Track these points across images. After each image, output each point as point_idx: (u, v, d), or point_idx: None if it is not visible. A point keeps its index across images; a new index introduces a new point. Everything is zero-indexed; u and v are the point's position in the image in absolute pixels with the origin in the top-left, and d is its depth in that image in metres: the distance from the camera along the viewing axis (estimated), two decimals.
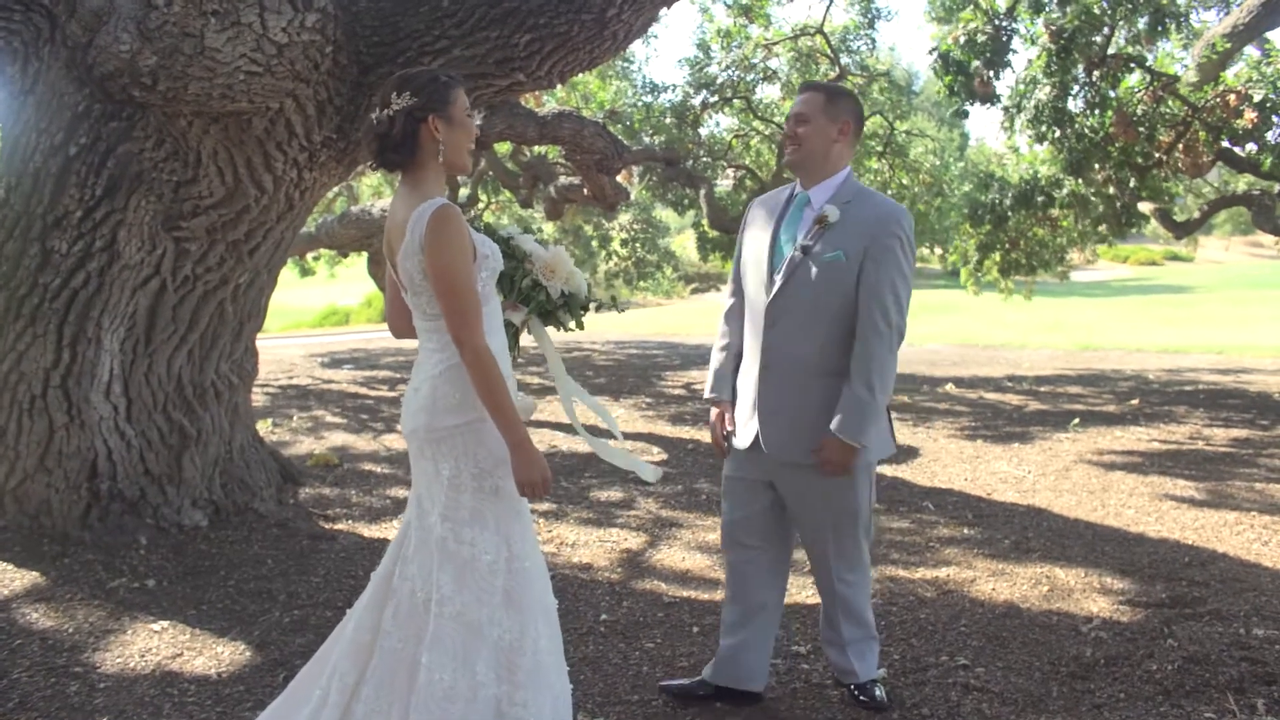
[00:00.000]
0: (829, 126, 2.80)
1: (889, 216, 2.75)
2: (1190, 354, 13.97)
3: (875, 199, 2.85)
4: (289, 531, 4.89)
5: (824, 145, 2.81)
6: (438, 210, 2.27)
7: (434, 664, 2.25)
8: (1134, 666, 3.15)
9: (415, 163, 2.37)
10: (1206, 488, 5.68)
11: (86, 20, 3.81)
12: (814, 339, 2.76)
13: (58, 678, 3.18)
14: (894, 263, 2.71)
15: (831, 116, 2.81)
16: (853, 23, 11.53)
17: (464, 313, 2.27)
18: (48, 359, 4.44)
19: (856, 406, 2.71)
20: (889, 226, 2.72)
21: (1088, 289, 39.29)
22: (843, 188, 2.81)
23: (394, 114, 2.32)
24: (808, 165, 2.84)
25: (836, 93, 2.93)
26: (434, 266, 2.27)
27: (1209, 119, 7.66)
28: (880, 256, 2.70)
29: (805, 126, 2.81)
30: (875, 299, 2.70)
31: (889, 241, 2.71)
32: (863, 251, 2.71)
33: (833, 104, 2.83)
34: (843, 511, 2.86)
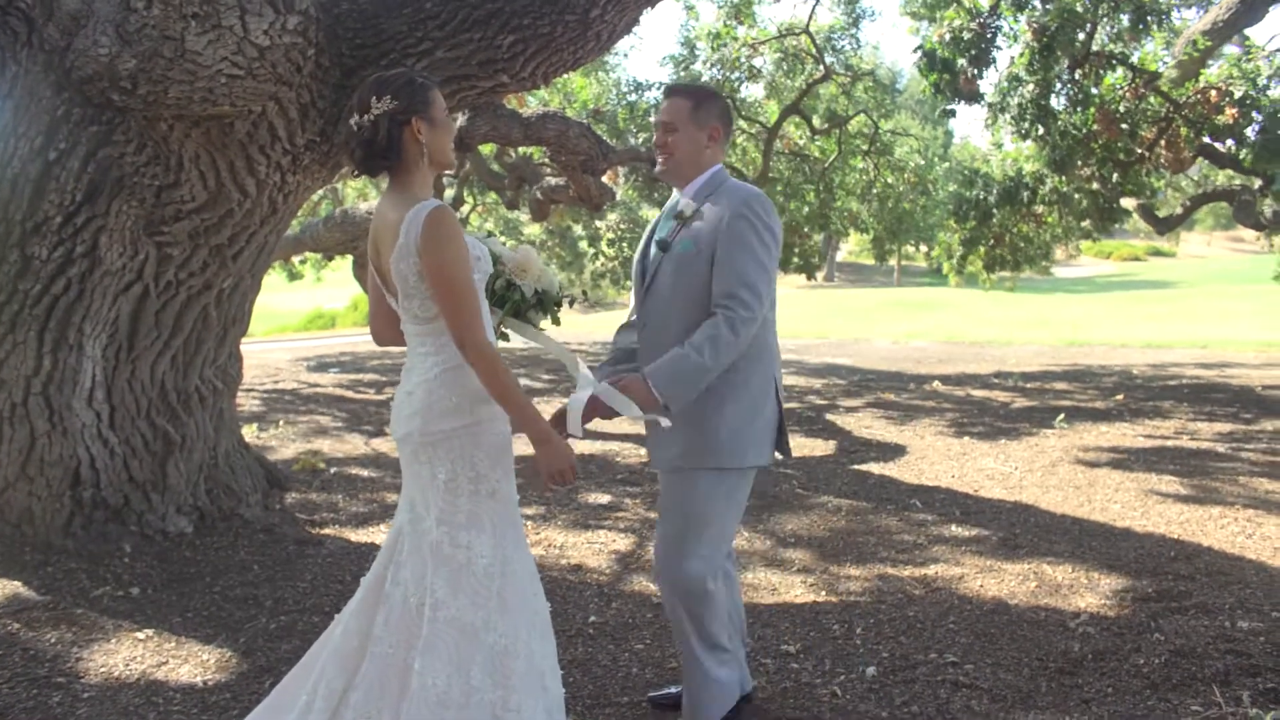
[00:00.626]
0: (697, 133, 2.71)
1: (739, 200, 2.63)
2: (1174, 349, 14.07)
3: (735, 190, 2.70)
4: (275, 537, 4.86)
5: (693, 152, 2.72)
6: (433, 211, 2.26)
7: (427, 669, 2.24)
8: (1121, 661, 3.16)
9: (401, 166, 2.36)
10: (1191, 482, 5.72)
11: (64, 23, 3.77)
12: (675, 335, 2.62)
13: (40, 689, 3.14)
14: (742, 244, 2.58)
15: (699, 123, 2.72)
16: (837, 22, 11.56)
17: (465, 311, 2.26)
18: (28, 366, 4.39)
19: (676, 360, 2.54)
20: (738, 209, 2.60)
21: (1072, 285, 39.57)
22: (707, 184, 2.72)
23: (376, 119, 2.30)
24: (679, 173, 2.75)
25: (703, 97, 2.79)
26: (432, 267, 2.25)
27: (1190, 115, 7.71)
28: (729, 239, 2.59)
29: (673, 135, 2.72)
30: (721, 280, 2.58)
31: (737, 224, 2.59)
32: (713, 238, 2.61)
33: (700, 109, 2.73)
34: (676, 516, 2.68)
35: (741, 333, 2.55)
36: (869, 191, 12.54)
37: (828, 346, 16.09)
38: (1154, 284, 38.41)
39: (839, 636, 3.50)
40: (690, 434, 2.63)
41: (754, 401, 2.66)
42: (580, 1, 4.08)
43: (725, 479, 2.66)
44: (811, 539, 4.78)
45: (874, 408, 9.18)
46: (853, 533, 4.88)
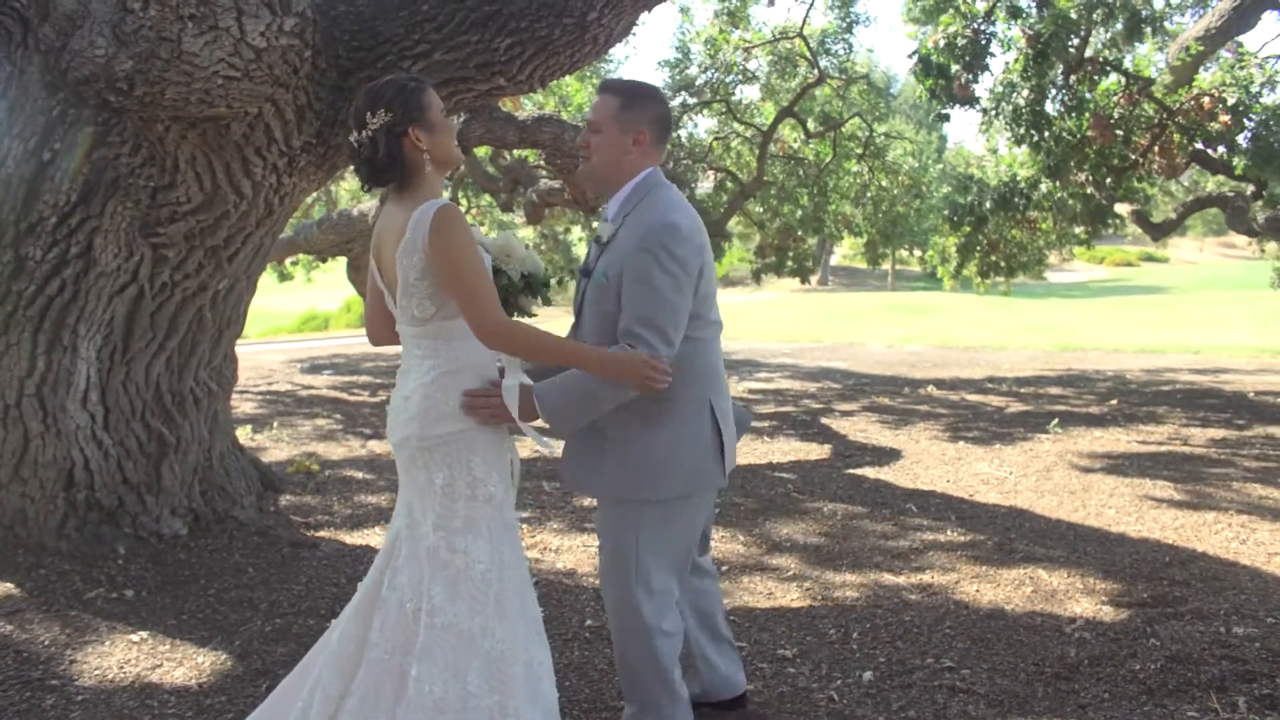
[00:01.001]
0: (621, 137, 2.48)
1: (648, 231, 2.38)
2: (1168, 354, 14.13)
3: (649, 211, 2.44)
4: (270, 539, 4.84)
5: (615, 156, 2.50)
6: (442, 208, 2.27)
7: (424, 675, 2.23)
8: (1117, 666, 3.17)
9: (407, 175, 2.36)
10: (1186, 488, 5.74)
11: (60, 24, 3.76)
12: None
13: (33, 691, 3.13)
14: (644, 280, 2.36)
15: (625, 125, 2.48)
16: (831, 26, 11.58)
17: (479, 297, 2.27)
18: (22, 367, 4.37)
19: (567, 381, 2.38)
20: (644, 242, 2.37)
21: (1066, 290, 39.71)
22: (630, 197, 2.49)
23: (373, 135, 2.30)
24: (599, 178, 2.56)
25: (634, 96, 2.53)
26: (443, 261, 2.26)
27: (1184, 121, 7.74)
28: (631, 275, 2.37)
29: (596, 136, 2.51)
30: (623, 318, 2.39)
31: (640, 258, 2.36)
32: (620, 271, 2.40)
33: (628, 109, 2.49)
34: (611, 548, 2.55)
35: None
36: (863, 195, 12.58)
37: (822, 350, 16.11)
38: (1147, 289, 38.56)
39: (835, 641, 3.50)
40: (612, 462, 2.49)
41: (683, 428, 2.49)
42: (578, 5, 4.08)
43: (652, 510, 2.50)
44: (807, 543, 4.79)
45: (869, 412, 9.20)
46: (848, 537, 4.88)
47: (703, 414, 2.51)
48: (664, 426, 2.47)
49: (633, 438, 2.47)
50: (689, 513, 2.57)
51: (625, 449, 2.48)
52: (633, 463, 2.47)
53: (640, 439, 2.47)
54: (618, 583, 2.54)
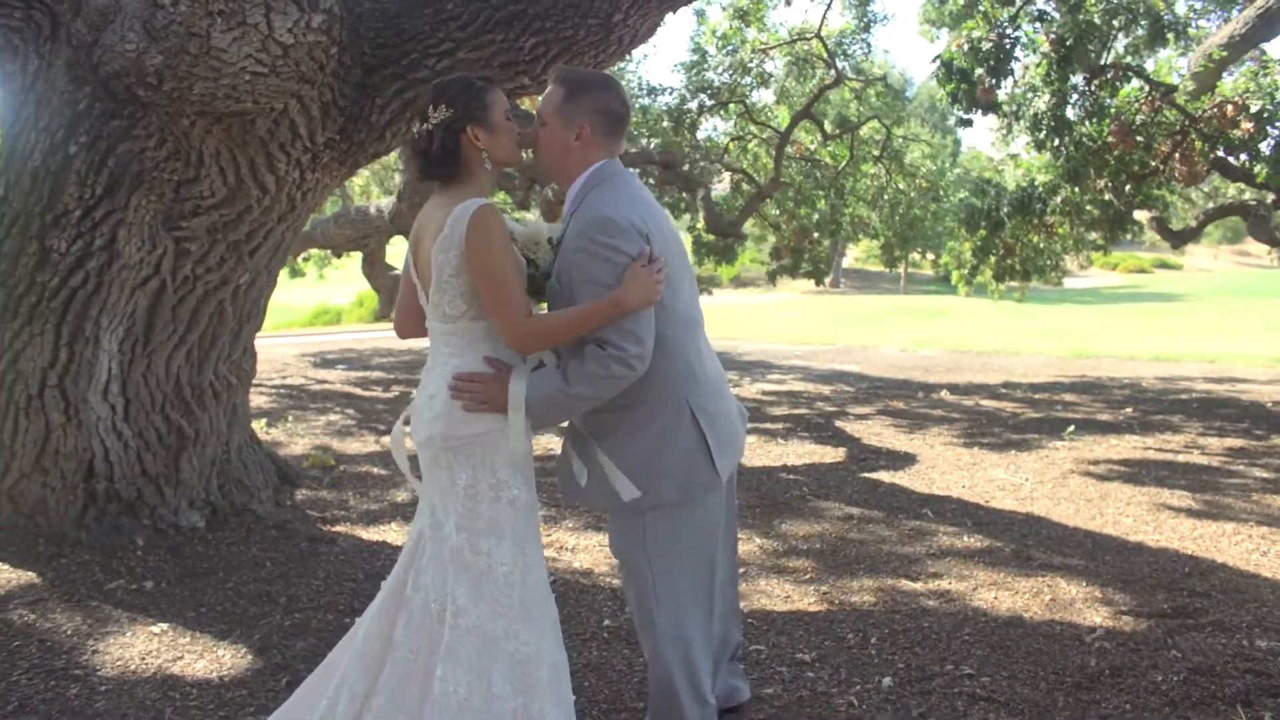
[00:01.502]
0: (563, 132, 2.41)
1: (582, 228, 2.31)
2: (1183, 362, 14.05)
3: (587, 207, 2.36)
4: (287, 534, 4.86)
5: (558, 152, 2.43)
6: (481, 208, 2.28)
7: (448, 676, 2.23)
8: (1139, 677, 3.15)
9: (461, 172, 2.37)
10: (1204, 498, 5.70)
11: (92, 19, 3.78)
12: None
13: (57, 680, 3.15)
14: (592, 281, 2.29)
15: (566, 118, 2.40)
16: (848, 26, 11.55)
17: (508, 303, 2.28)
18: (45, 358, 4.40)
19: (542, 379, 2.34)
20: (579, 240, 2.31)
21: (1079, 296, 39.53)
22: (579, 193, 2.41)
23: (432, 129, 2.31)
24: (549, 173, 2.51)
25: (578, 87, 2.44)
26: (477, 261, 2.27)
27: (1205, 129, 7.70)
28: (577, 275, 2.32)
29: (542, 130, 2.43)
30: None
31: (580, 257, 2.30)
32: (569, 273, 2.34)
33: (570, 102, 2.40)
34: (624, 563, 2.52)
35: (616, 370, 2.27)
36: (880, 197, 12.54)
37: (835, 353, 16.08)
38: (1161, 296, 38.35)
39: (854, 646, 3.50)
40: (595, 471, 2.45)
41: (662, 433, 2.40)
42: (603, 6, 4.08)
43: (654, 519, 2.44)
44: (824, 547, 4.78)
45: (883, 415, 9.17)
46: (864, 541, 4.87)
47: (681, 417, 2.42)
48: (644, 432, 2.40)
49: (616, 446, 2.42)
50: (695, 520, 2.49)
51: (612, 459, 2.41)
52: (624, 472, 2.40)
53: (623, 447, 2.41)
54: (636, 595, 2.52)
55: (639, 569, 2.48)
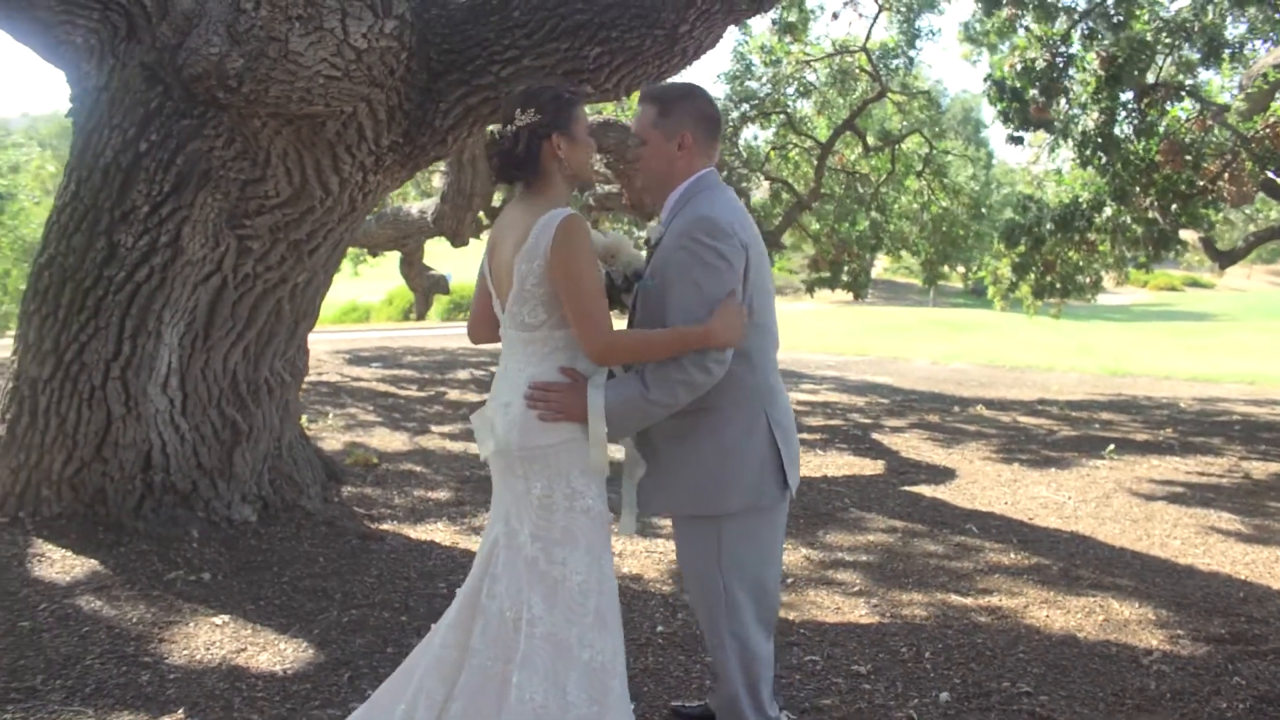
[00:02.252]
0: (665, 145, 2.46)
1: (685, 228, 2.37)
2: (1221, 383, 13.88)
3: (691, 209, 2.42)
4: (337, 530, 4.92)
5: (663, 165, 2.48)
6: (567, 218, 2.30)
7: (524, 683, 2.26)
8: (1202, 703, 3.13)
9: (538, 178, 2.40)
10: (1253, 522, 5.65)
11: (177, 22, 3.87)
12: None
13: (128, 666, 3.21)
14: (686, 278, 2.35)
15: (667, 132, 2.46)
16: (892, 40, 11.53)
17: (593, 315, 2.31)
18: (109, 350, 4.49)
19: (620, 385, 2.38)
20: (682, 240, 2.36)
21: (1110, 312, 39.14)
22: (680, 199, 2.47)
23: (517, 130, 2.35)
24: (653, 188, 2.54)
25: (671, 99, 2.50)
26: (562, 273, 2.29)
27: (1256, 149, 7.63)
28: (675, 274, 2.36)
29: (643, 148, 2.50)
30: (675, 309, 2.36)
31: (680, 256, 2.35)
32: (665, 273, 2.39)
33: (666, 116, 2.46)
34: (694, 576, 2.53)
35: (696, 376, 2.32)
36: (922, 213, 12.50)
37: (867, 364, 16.03)
38: (1192, 315, 37.91)
39: (908, 660, 3.50)
40: (678, 479, 2.48)
41: (739, 441, 2.44)
42: (670, 17, 4.12)
43: (726, 527, 2.46)
44: (870, 560, 4.78)
45: (919, 429, 9.14)
46: (911, 555, 4.87)
47: (758, 428, 2.46)
48: (722, 440, 2.44)
49: (691, 453, 2.45)
50: (764, 532, 2.52)
51: (686, 465, 2.46)
52: (697, 478, 2.45)
53: (700, 454, 2.45)
54: (707, 608, 2.53)
55: (711, 580, 2.49)
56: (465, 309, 33.95)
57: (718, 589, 2.49)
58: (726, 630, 2.50)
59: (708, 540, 2.49)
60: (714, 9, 4.08)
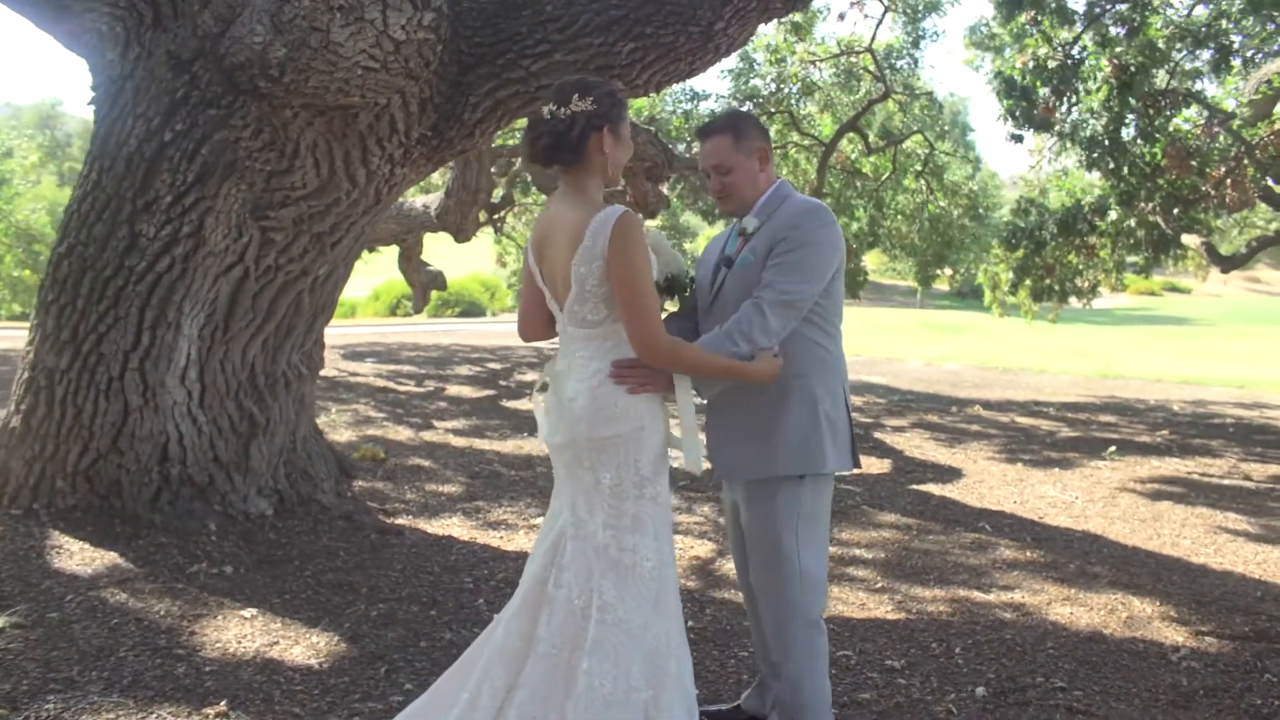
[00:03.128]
0: (747, 164, 2.71)
1: (795, 213, 2.64)
2: (1211, 386, 14.05)
3: (794, 203, 2.70)
4: (354, 524, 4.90)
5: (750, 182, 2.72)
6: (623, 217, 2.31)
7: (594, 670, 2.27)
8: (1236, 699, 3.17)
9: (580, 168, 2.41)
10: (1260, 522, 5.72)
11: (220, 11, 3.84)
12: None
13: (162, 659, 3.19)
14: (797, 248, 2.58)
15: (746, 153, 2.71)
16: (897, 41, 11.59)
17: (648, 317, 2.32)
18: (128, 341, 4.44)
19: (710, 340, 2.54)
20: (799, 221, 2.61)
21: (1092, 316, 39.46)
22: (770, 200, 2.72)
23: (574, 115, 2.35)
24: (743, 205, 2.75)
25: (739, 125, 2.76)
26: (619, 273, 2.30)
27: (1260, 156, 7.73)
28: (784, 246, 2.58)
29: (729, 176, 2.72)
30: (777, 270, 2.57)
31: (794, 234, 2.59)
32: (769, 247, 2.61)
33: (741, 140, 2.72)
34: (768, 545, 2.63)
35: (770, 315, 2.51)
36: (920, 212, 12.59)
37: (861, 364, 16.10)
38: (1172, 319, 38.33)
39: (939, 655, 3.53)
40: (759, 445, 2.63)
41: (824, 408, 2.63)
42: (705, 14, 4.12)
43: (804, 491, 2.63)
44: (889, 557, 4.81)
45: (920, 429, 9.20)
46: (928, 553, 4.90)
47: (839, 397, 2.69)
48: (814, 404, 2.63)
49: (786, 417, 2.61)
50: (828, 502, 2.71)
51: (781, 429, 2.61)
52: (792, 441, 2.60)
53: (793, 417, 2.61)
54: (780, 578, 2.62)
55: (786, 548, 2.60)
56: (453, 306, 33.85)
57: (792, 557, 2.60)
58: (792, 604, 2.60)
59: (789, 506, 2.61)
60: (750, 6, 4.09)
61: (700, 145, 2.81)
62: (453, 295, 31.77)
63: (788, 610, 2.62)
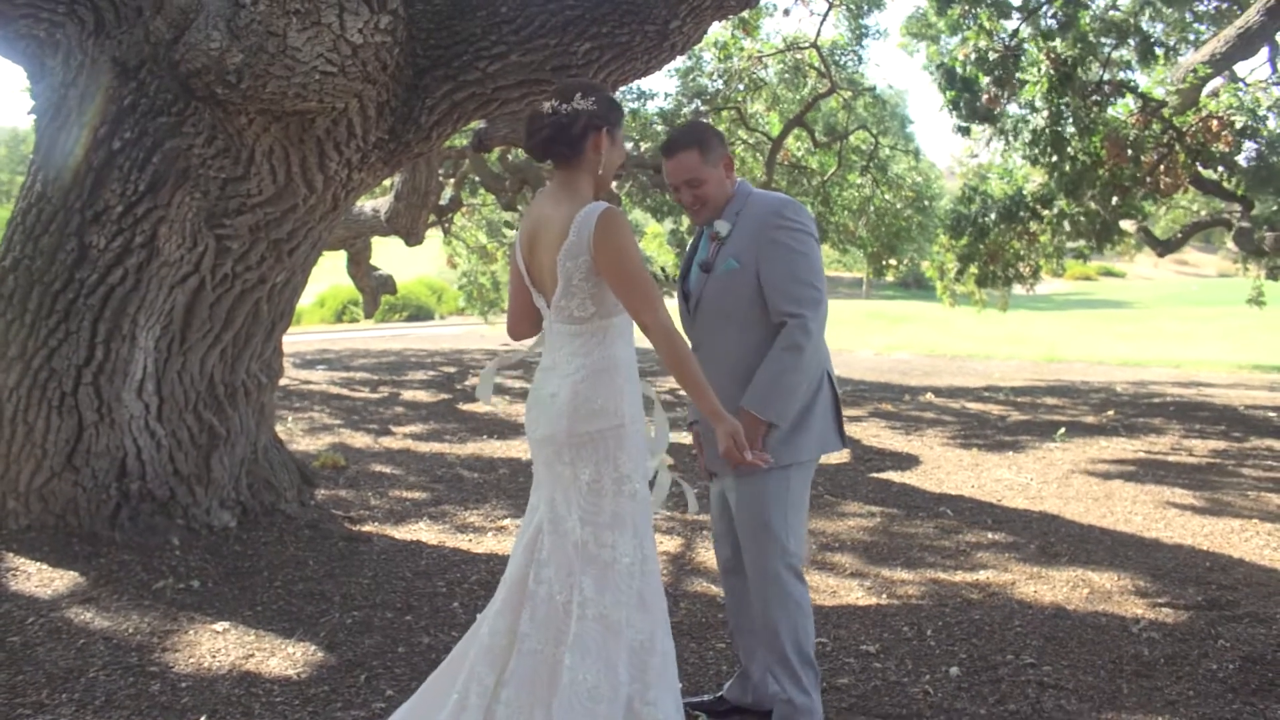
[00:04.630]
0: (715, 174, 2.83)
1: (770, 212, 2.77)
2: (1149, 367, 14.51)
3: (761, 201, 2.84)
4: (321, 533, 4.85)
5: (721, 190, 2.84)
6: (605, 210, 2.34)
7: (577, 665, 2.29)
8: (1194, 666, 3.30)
9: (575, 165, 2.43)
10: (1204, 496, 5.94)
11: (173, 17, 3.76)
12: (730, 348, 2.78)
13: (135, 677, 3.13)
14: (784, 252, 2.72)
15: (713, 164, 2.83)
16: (841, 38, 11.75)
17: (647, 297, 2.35)
18: (80, 356, 4.35)
19: (768, 380, 2.69)
20: (771, 220, 2.75)
21: (1032, 302, 40.38)
22: (735, 201, 2.84)
23: (577, 111, 2.37)
24: (717, 214, 2.86)
25: (704, 139, 2.86)
26: (609, 262, 2.33)
27: (1190, 143, 8.01)
28: (770, 251, 2.72)
29: (703, 187, 2.81)
30: (777, 289, 2.71)
31: (774, 234, 2.73)
32: (755, 253, 2.73)
33: (708, 152, 2.82)
34: (759, 528, 2.76)
35: (814, 332, 2.69)
36: (866, 207, 12.80)
37: None
38: (1110, 303, 39.39)
39: (912, 638, 3.61)
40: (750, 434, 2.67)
41: (812, 397, 2.77)
42: (660, 12, 4.15)
43: (794, 475, 2.76)
44: (855, 544, 4.90)
45: (876, 417, 9.36)
46: (893, 538, 5.00)
47: (824, 384, 2.82)
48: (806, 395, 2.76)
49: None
50: (808, 480, 2.85)
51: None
52: (795, 429, 2.73)
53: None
54: (765, 556, 2.75)
55: (775, 528, 2.74)
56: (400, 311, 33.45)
57: (780, 537, 2.75)
58: (780, 577, 2.74)
59: (780, 489, 2.75)
60: (705, 5, 4.13)
61: (666, 162, 2.86)
62: (400, 300, 31.38)
63: (774, 570, 2.75)
